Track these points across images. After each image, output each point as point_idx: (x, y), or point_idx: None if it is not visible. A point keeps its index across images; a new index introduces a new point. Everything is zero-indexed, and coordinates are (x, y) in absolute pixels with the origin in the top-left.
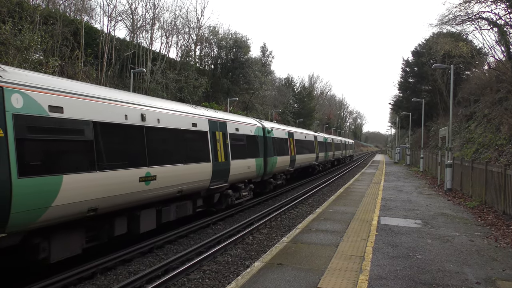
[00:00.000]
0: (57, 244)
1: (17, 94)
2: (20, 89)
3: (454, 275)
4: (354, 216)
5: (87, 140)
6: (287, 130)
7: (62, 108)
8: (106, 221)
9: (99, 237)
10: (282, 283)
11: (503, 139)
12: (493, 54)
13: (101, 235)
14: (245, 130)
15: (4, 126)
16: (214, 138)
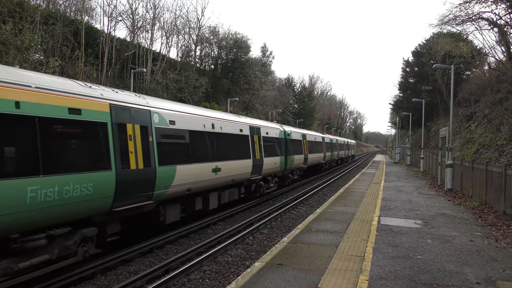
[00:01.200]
0: (169, 212)
1: (156, 114)
2: (156, 111)
3: (454, 275)
4: (354, 216)
5: (186, 143)
6: (301, 132)
7: (175, 121)
8: (191, 199)
9: (187, 210)
10: (282, 283)
11: (503, 139)
12: (494, 54)
13: (188, 209)
14: (272, 134)
15: (152, 134)
16: (253, 140)
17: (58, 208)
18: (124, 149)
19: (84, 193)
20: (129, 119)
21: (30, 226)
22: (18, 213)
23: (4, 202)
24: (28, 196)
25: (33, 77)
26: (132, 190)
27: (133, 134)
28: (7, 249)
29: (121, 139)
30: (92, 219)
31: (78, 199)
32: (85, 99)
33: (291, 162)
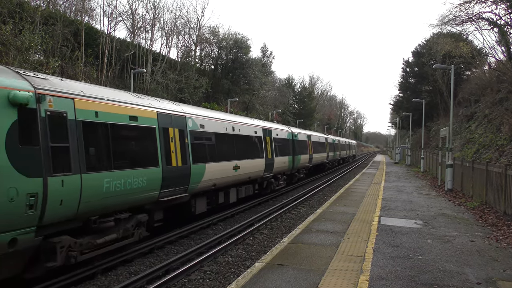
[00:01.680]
0: (198, 204)
1: (190, 119)
2: (190, 116)
3: (455, 275)
4: (355, 217)
5: (213, 144)
6: (307, 133)
7: (204, 125)
8: (215, 194)
9: (211, 203)
10: (282, 283)
11: (503, 140)
12: (494, 54)
13: (212, 202)
14: (282, 135)
15: (187, 136)
16: (265, 141)
17: (123, 197)
18: (167, 149)
19: (140, 185)
20: (170, 124)
21: (104, 210)
22: (98, 200)
23: (90, 191)
24: (104, 186)
25: (104, 91)
26: (173, 184)
27: (173, 137)
28: (89, 228)
29: (165, 140)
30: (144, 207)
31: (135, 190)
32: (139, 108)
33: (298, 161)
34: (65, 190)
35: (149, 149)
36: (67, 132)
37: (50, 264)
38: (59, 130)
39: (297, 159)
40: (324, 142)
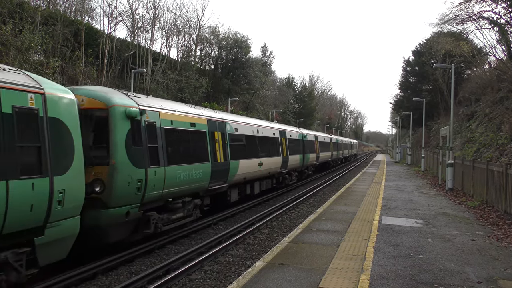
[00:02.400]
0: (232, 194)
1: (228, 124)
2: (228, 122)
3: (456, 274)
4: (355, 216)
5: (244, 144)
6: (314, 134)
7: (237, 129)
8: (244, 186)
9: (241, 194)
10: (283, 283)
11: (504, 139)
12: (494, 54)
13: (241, 193)
14: (294, 136)
15: (226, 138)
16: (281, 142)
17: (187, 185)
18: (214, 148)
19: (197, 176)
20: (216, 128)
21: (176, 194)
22: (173, 186)
23: (169, 179)
24: (177, 176)
25: (174, 105)
26: (217, 176)
27: (218, 138)
28: (166, 207)
29: (212, 141)
30: (198, 194)
31: (195, 180)
32: (196, 116)
33: (307, 159)
34: (156, 178)
35: (203, 148)
36: (156, 136)
37: (146, 231)
38: (152, 135)
39: (306, 157)
40: (329, 142)
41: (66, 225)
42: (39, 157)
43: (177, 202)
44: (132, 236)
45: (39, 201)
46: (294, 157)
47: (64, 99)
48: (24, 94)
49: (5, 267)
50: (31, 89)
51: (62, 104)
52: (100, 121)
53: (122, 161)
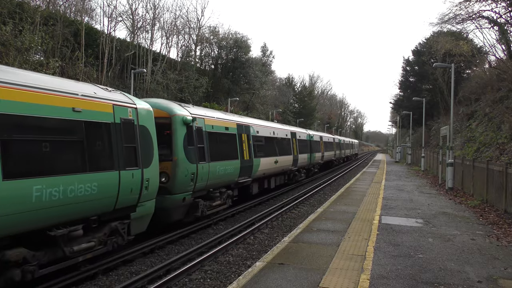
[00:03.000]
0: (254, 187)
1: (251, 127)
2: (252, 125)
3: (456, 274)
4: (355, 216)
5: (263, 144)
6: (319, 135)
7: (258, 131)
8: (263, 181)
9: (260, 188)
10: (283, 282)
11: (504, 138)
12: (494, 53)
13: (260, 187)
14: (303, 137)
15: (250, 139)
16: (293, 142)
17: (224, 178)
18: (241, 148)
19: (230, 171)
20: (242, 131)
21: (215, 185)
22: (215, 178)
23: (212, 172)
24: (217, 171)
25: (213, 113)
26: (244, 171)
27: (244, 140)
28: (208, 196)
29: (240, 142)
30: (230, 186)
31: (229, 174)
32: (229, 121)
33: (314, 158)
34: (203, 172)
35: (234, 148)
36: (203, 138)
37: (196, 214)
38: (200, 137)
39: (313, 156)
40: (332, 142)
41: (148, 206)
42: (135, 154)
43: (216, 192)
44: (186, 217)
45: (135, 186)
46: (303, 156)
47: (147, 111)
48: (126, 109)
49: (115, 233)
50: (129, 104)
51: (146, 115)
52: (165, 127)
53: (181, 158)
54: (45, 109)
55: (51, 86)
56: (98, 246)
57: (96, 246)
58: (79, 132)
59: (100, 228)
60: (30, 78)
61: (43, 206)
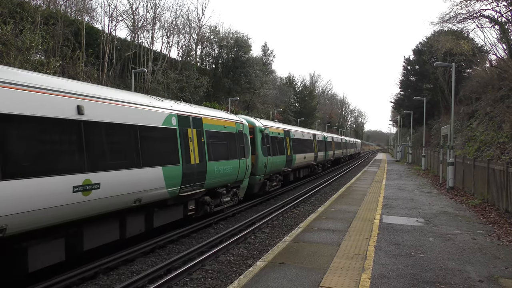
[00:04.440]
0: (291, 175)
1: (291, 132)
2: (290, 130)
3: (457, 273)
4: (356, 215)
5: (297, 144)
6: (331, 136)
7: (295, 134)
8: (294, 172)
9: (294, 176)
10: (284, 282)
11: (505, 137)
12: (495, 52)
13: (294, 175)
14: (320, 138)
15: (291, 141)
16: (314, 142)
17: (277, 167)
18: (286, 146)
19: (281, 162)
20: (286, 135)
21: (273, 172)
22: (273, 167)
23: (272, 163)
24: (274, 162)
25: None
26: (288, 163)
27: (288, 141)
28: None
29: (285, 142)
30: (280, 173)
31: (280, 165)
32: (279, 128)
33: (328, 155)
34: (269, 162)
35: (283, 146)
36: (268, 140)
37: (265, 189)
38: (267, 140)
39: (327, 153)
40: (340, 142)
41: (246, 181)
42: (243, 150)
43: (273, 176)
44: (259, 191)
45: (243, 169)
46: (321, 153)
47: (245, 125)
48: (239, 124)
49: (233, 196)
50: (240, 121)
51: (245, 127)
52: (251, 133)
53: (260, 153)
54: (219, 128)
55: (220, 117)
56: (230, 201)
57: (229, 201)
58: (226, 139)
59: (229, 191)
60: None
61: (219, 175)
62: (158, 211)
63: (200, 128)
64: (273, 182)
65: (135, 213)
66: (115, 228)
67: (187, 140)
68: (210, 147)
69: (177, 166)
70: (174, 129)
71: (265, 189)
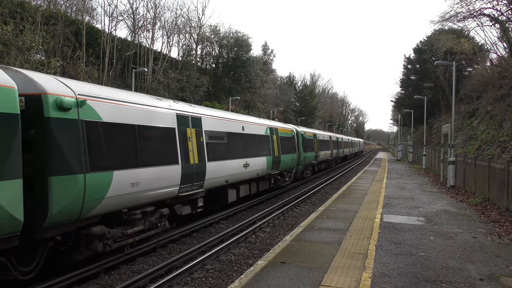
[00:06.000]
0: (306, 172)
1: (317, 135)
2: (317, 134)
3: (458, 272)
4: (357, 214)
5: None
6: (341, 136)
7: (318, 136)
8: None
9: (318, 167)
10: (285, 281)
11: (505, 136)
12: (495, 51)
13: (315, 169)
14: (333, 138)
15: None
16: (330, 142)
17: (309, 161)
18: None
19: (312, 157)
20: (314, 137)
21: (306, 164)
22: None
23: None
24: (308, 156)
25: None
26: (316, 158)
27: (315, 142)
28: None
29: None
30: (310, 165)
31: (310, 158)
32: (311, 132)
33: (339, 152)
34: (305, 156)
35: (313, 145)
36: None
37: (304, 176)
38: (304, 141)
39: (339, 151)
40: (348, 141)
41: (295, 169)
42: (295, 148)
43: (307, 167)
44: (300, 177)
45: (296, 160)
46: (334, 151)
47: (296, 129)
48: (293, 131)
49: (289, 177)
50: (292, 129)
51: (295, 131)
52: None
53: (302, 150)
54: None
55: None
56: (288, 180)
57: (288, 180)
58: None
59: (290, 174)
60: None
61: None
62: (261, 182)
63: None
64: (308, 170)
65: (254, 181)
66: (248, 188)
67: (278, 142)
68: (282, 146)
69: (270, 157)
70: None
71: (303, 176)
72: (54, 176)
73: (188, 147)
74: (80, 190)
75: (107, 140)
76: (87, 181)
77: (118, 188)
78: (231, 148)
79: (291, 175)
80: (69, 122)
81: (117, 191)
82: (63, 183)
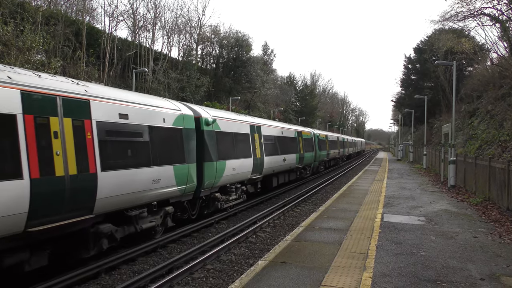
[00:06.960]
0: (320, 167)
1: (328, 136)
2: (328, 135)
3: (458, 271)
4: (357, 214)
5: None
6: (345, 137)
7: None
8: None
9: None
10: (286, 281)
11: (506, 135)
12: (496, 50)
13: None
14: (340, 139)
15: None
16: (338, 142)
17: (322, 158)
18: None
19: (310, 157)
20: (326, 138)
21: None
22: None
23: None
24: (323, 154)
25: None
26: (327, 156)
27: (326, 142)
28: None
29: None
30: (311, 164)
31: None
32: (324, 134)
33: (345, 151)
34: (320, 154)
35: (325, 145)
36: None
37: (318, 169)
38: (318, 141)
39: (345, 150)
40: (352, 141)
41: (312, 164)
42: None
43: (321, 163)
44: (316, 171)
45: (314, 157)
46: (342, 150)
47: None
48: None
49: (305, 170)
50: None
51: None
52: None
53: (317, 149)
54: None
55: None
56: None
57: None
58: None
59: (309, 168)
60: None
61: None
62: (291, 173)
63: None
64: (321, 166)
65: (287, 172)
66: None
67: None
68: (305, 146)
69: (297, 154)
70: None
71: (318, 170)
72: (205, 162)
73: (256, 146)
74: (214, 170)
75: (223, 141)
76: (217, 166)
77: (228, 171)
78: (277, 147)
79: (311, 169)
80: (211, 132)
81: (227, 173)
82: (209, 167)
